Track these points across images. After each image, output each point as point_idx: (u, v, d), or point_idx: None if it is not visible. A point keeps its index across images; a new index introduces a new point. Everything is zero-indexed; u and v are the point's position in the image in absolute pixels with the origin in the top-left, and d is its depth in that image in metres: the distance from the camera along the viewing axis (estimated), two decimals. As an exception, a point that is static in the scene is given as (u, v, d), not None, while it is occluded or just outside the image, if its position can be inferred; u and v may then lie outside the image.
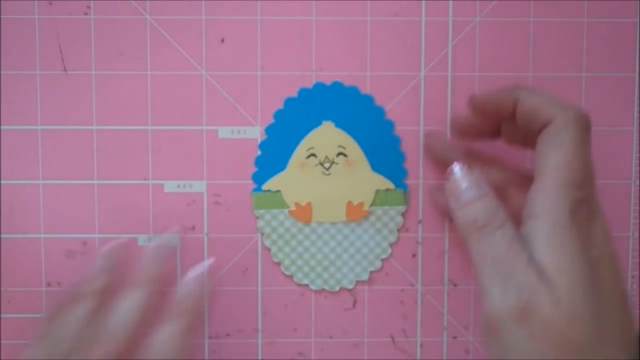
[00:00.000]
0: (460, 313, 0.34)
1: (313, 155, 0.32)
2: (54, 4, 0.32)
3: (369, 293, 0.33)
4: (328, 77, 0.33)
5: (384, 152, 0.32)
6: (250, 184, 0.33)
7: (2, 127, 0.33)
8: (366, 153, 0.32)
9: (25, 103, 0.33)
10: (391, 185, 0.33)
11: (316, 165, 0.32)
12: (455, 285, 0.34)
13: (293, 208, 0.32)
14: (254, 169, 0.32)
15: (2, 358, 0.33)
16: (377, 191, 0.32)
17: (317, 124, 0.32)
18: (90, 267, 0.29)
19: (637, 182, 0.33)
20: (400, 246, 0.33)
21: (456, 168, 0.26)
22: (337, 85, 0.32)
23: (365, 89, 0.33)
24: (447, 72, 0.33)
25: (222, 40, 0.33)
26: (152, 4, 0.32)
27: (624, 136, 0.33)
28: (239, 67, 0.33)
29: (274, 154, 0.32)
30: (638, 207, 0.33)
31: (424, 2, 0.33)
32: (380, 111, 0.32)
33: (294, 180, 0.32)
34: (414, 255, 0.33)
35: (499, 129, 0.30)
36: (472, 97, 0.29)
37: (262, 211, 0.32)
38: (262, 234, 0.33)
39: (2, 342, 0.33)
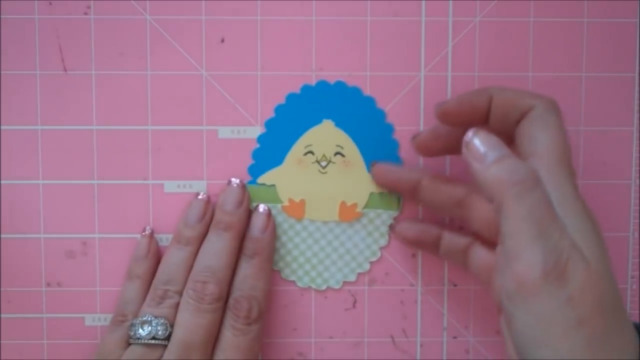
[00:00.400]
0: (460, 313, 0.34)
1: (311, 152, 0.32)
2: (54, 4, 0.32)
3: (369, 293, 0.33)
4: (328, 77, 0.33)
5: (382, 156, 0.32)
6: (247, 176, 0.33)
7: (2, 127, 0.33)
8: (363, 154, 0.32)
9: (25, 103, 0.33)
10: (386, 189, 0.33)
11: (313, 162, 0.32)
12: (455, 285, 0.34)
13: (286, 204, 0.32)
14: (251, 162, 0.32)
15: (2, 358, 0.33)
16: (372, 194, 0.32)
17: (317, 121, 0.32)
18: (187, 214, 0.32)
19: (637, 182, 0.33)
20: (400, 246, 0.33)
21: (472, 132, 0.25)
22: (340, 84, 0.32)
23: (366, 89, 0.33)
24: (447, 72, 0.33)
25: (222, 40, 0.33)
26: (152, 4, 0.32)
27: (624, 136, 0.33)
28: (239, 67, 0.33)
29: (271, 148, 0.32)
30: (638, 207, 0.33)
31: (424, 2, 0.33)
32: (381, 114, 0.32)
33: (289, 176, 0.32)
34: (414, 255, 0.33)
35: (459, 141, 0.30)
36: (441, 103, 0.28)
37: (255, 204, 0.32)
38: None
39: (2, 342, 0.33)
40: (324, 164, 0.32)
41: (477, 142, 0.25)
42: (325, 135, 0.32)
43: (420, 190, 0.30)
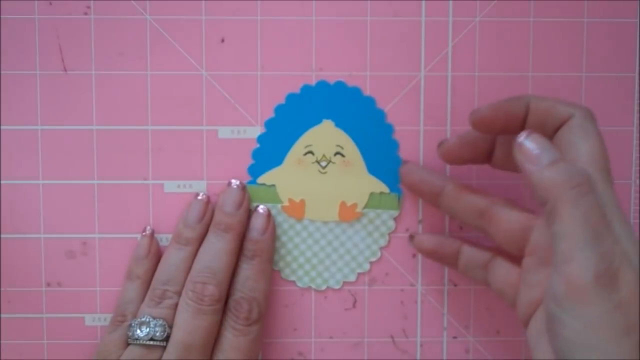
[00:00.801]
0: (460, 313, 0.34)
1: (310, 152, 0.32)
2: (54, 4, 0.32)
3: (369, 293, 0.33)
4: (328, 78, 0.33)
5: (382, 156, 0.32)
6: (247, 176, 0.33)
7: (2, 127, 0.33)
8: (363, 155, 0.32)
9: (25, 103, 0.33)
10: (386, 189, 0.32)
11: (313, 162, 0.32)
12: (455, 285, 0.34)
13: (286, 204, 0.32)
14: (251, 162, 0.32)
15: (2, 358, 0.33)
16: (372, 194, 0.32)
17: (317, 121, 0.32)
18: (186, 214, 0.32)
19: (637, 182, 0.33)
20: (400, 246, 0.33)
21: (524, 134, 0.25)
22: (339, 84, 0.32)
23: (366, 89, 0.33)
24: (447, 72, 0.33)
25: (222, 40, 0.33)
26: (152, 4, 0.32)
27: (624, 136, 0.33)
28: (239, 67, 0.33)
29: (271, 148, 0.32)
30: (638, 207, 0.33)
31: (424, 2, 0.33)
32: (381, 114, 0.32)
33: (289, 176, 0.32)
34: (414, 255, 0.33)
35: (490, 151, 0.30)
36: (476, 110, 0.28)
37: (255, 205, 0.32)
38: None
39: (2, 342, 0.33)
40: (324, 164, 0.32)
41: (530, 144, 0.25)
42: (325, 136, 0.32)
43: (442, 197, 0.30)
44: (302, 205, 0.32)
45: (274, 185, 0.32)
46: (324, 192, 0.32)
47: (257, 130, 0.33)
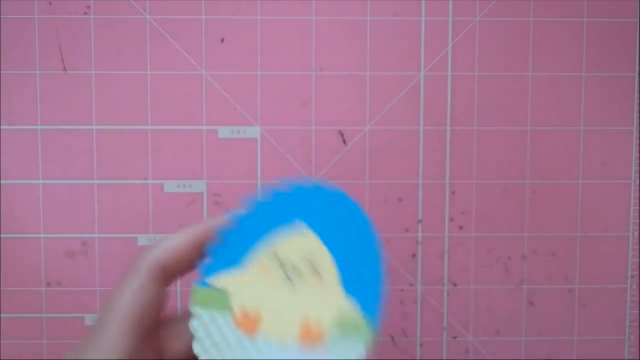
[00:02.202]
0: (460, 313, 0.34)
1: (277, 258, 0.27)
2: (54, 4, 0.32)
3: (369, 293, 0.33)
4: (328, 77, 0.33)
5: (360, 271, 0.27)
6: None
7: (2, 127, 0.33)
8: (339, 267, 0.27)
9: (25, 103, 0.33)
10: (359, 310, 0.27)
11: (278, 270, 0.27)
12: (455, 285, 0.34)
13: (238, 314, 0.26)
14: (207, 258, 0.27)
15: (2, 358, 0.33)
16: (342, 313, 0.27)
17: (288, 225, 0.27)
18: None
19: (637, 182, 0.33)
20: (400, 246, 0.33)
21: None
22: (318, 188, 0.27)
23: (365, 92, 0.33)
24: (447, 72, 0.33)
25: (222, 40, 0.33)
26: (152, 4, 0.32)
27: (624, 136, 0.33)
28: (239, 67, 0.33)
29: (233, 247, 0.27)
30: (638, 207, 0.33)
31: (424, 2, 0.33)
32: (366, 222, 0.27)
33: (247, 282, 0.27)
34: (414, 255, 0.33)
35: None
36: None
37: (200, 310, 0.26)
38: (194, 337, 0.26)
39: (2, 342, 0.33)
40: (290, 273, 0.27)
41: None
42: (296, 242, 0.27)
43: None
44: (256, 318, 0.27)
45: (226, 290, 0.27)
46: (285, 305, 0.27)
47: (257, 130, 0.33)
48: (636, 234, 0.33)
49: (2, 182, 0.33)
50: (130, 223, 0.33)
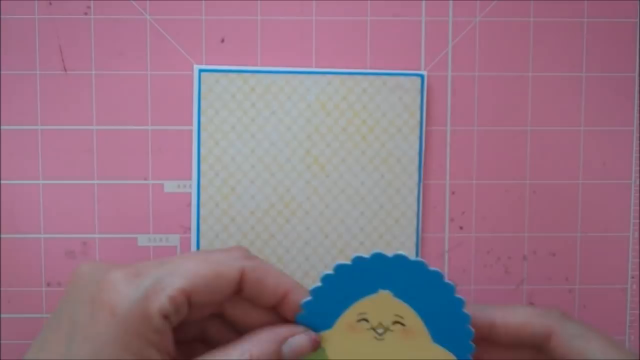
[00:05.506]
0: (460, 313, 0.34)
1: (364, 320, 0.27)
2: (54, 4, 0.32)
3: (369, 293, 0.33)
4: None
5: (449, 328, 0.27)
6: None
7: (2, 127, 0.33)
8: (427, 324, 0.27)
9: (25, 103, 0.33)
10: (453, 358, 0.27)
11: (368, 329, 0.27)
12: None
13: None
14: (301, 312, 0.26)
15: (2, 358, 0.33)
16: None
17: (371, 291, 0.27)
18: None
19: (637, 182, 0.33)
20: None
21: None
22: (400, 257, 0.27)
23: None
24: (447, 72, 0.33)
25: (222, 40, 0.33)
26: (152, 4, 0.32)
27: (624, 136, 0.33)
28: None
29: (319, 314, 0.27)
30: (638, 207, 0.33)
31: (424, 2, 0.33)
32: (450, 288, 0.27)
33: (340, 341, 0.27)
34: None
35: None
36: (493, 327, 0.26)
37: None
38: None
39: (2, 342, 0.33)
40: (380, 331, 0.27)
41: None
42: (382, 305, 0.27)
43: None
44: None
45: (323, 349, 0.27)
46: (379, 357, 0.27)
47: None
48: (636, 234, 0.33)
49: (2, 182, 0.33)
50: (130, 223, 0.33)
